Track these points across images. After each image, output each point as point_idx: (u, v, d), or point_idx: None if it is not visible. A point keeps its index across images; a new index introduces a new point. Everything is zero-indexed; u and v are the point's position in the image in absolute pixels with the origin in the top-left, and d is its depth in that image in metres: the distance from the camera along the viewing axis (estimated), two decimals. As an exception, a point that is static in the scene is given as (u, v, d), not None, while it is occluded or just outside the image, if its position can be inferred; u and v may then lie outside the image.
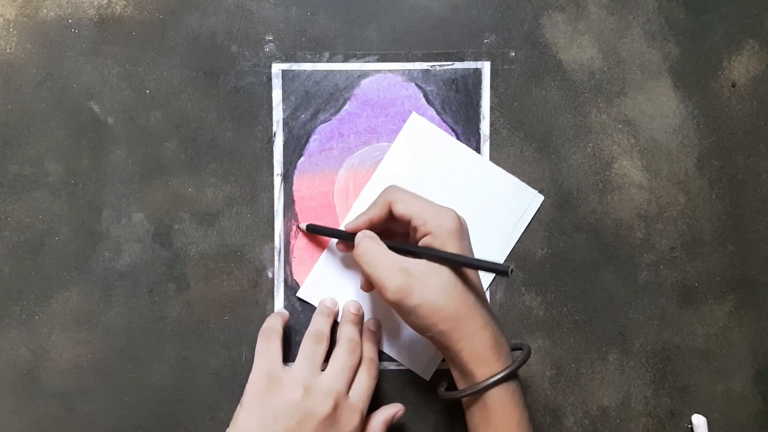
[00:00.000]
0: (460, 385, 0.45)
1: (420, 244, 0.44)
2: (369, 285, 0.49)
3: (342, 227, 0.51)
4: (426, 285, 0.42)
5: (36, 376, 0.51)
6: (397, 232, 0.48)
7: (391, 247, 0.45)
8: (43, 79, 0.51)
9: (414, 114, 0.52)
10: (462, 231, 0.44)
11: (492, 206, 0.52)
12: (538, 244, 0.53)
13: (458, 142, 0.52)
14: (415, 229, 0.44)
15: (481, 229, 0.52)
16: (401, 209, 0.45)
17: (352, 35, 0.52)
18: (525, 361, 0.44)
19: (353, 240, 0.47)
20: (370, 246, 0.45)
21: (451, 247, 0.43)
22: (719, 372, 0.53)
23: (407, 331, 0.52)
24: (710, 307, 0.53)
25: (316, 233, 0.51)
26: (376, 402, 0.52)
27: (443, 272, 0.43)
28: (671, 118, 0.53)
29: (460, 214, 0.45)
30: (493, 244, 0.52)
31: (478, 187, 0.52)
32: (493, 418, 0.42)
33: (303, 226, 0.51)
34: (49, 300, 0.51)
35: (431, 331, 0.43)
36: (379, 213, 0.46)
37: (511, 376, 0.43)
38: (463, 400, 0.45)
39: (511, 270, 0.40)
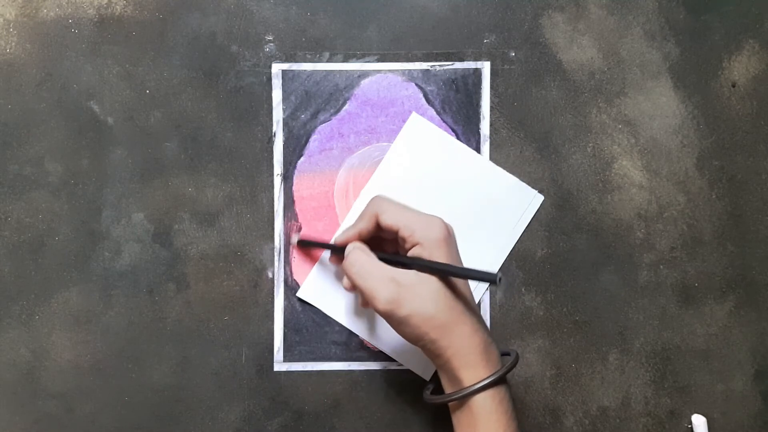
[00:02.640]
0: (449, 391, 0.44)
1: (409, 254, 0.44)
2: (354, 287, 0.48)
3: (332, 241, 0.51)
4: (416, 295, 0.42)
5: (36, 376, 0.51)
6: (387, 240, 0.48)
7: (380, 258, 0.45)
8: (43, 79, 0.51)
9: (414, 114, 0.52)
10: (449, 239, 0.44)
11: (492, 206, 0.52)
12: (538, 244, 0.53)
13: (458, 142, 0.52)
14: (403, 239, 0.44)
15: (481, 229, 0.52)
16: (388, 220, 0.45)
17: (352, 35, 0.52)
18: (512, 366, 0.44)
19: (344, 252, 0.47)
20: (359, 257, 0.45)
21: (439, 256, 0.43)
22: (719, 372, 0.53)
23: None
24: (710, 307, 0.53)
25: (308, 247, 0.51)
26: (376, 402, 0.52)
27: (432, 282, 0.43)
28: (671, 118, 0.53)
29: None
30: (493, 244, 0.52)
31: (478, 187, 0.52)
32: (479, 425, 0.42)
33: (294, 241, 0.51)
34: (49, 300, 0.51)
35: (422, 340, 0.43)
36: (367, 225, 0.46)
37: (498, 382, 0.42)
38: (450, 405, 0.44)
39: (499, 279, 0.40)
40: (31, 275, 0.51)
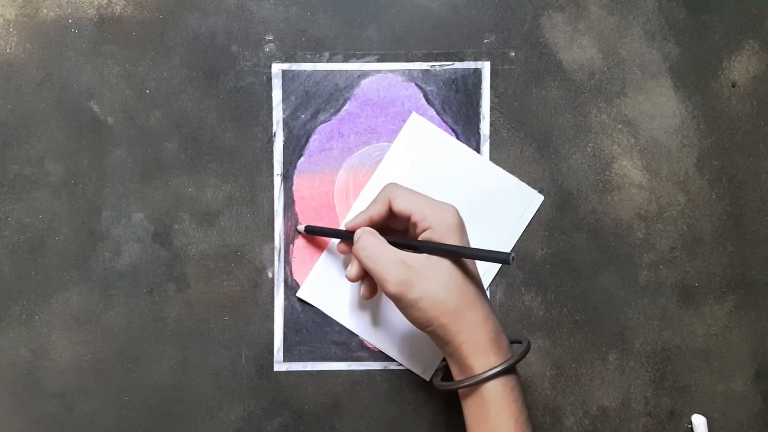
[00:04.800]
0: (458, 379, 0.44)
1: (420, 238, 0.44)
2: (370, 292, 0.49)
3: (341, 227, 0.51)
4: (427, 278, 0.42)
5: (36, 376, 0.51)
6: (396, 230, 0.48)
7: (390, 242, 0.45)
8: (43, 79, 0.51)
9: (414, 114, 0.52)
10: (461, 226, 0.44)
11: (492, 206, 0.52)
12: (538, 244, 0.53)
13: (458, 142, 0.52)
14: (415, 225, 0.44)
15: (481, 229, 0.52)
16: (401, 205, 0.45)
17: (352, 35, 0.52)
18: (525, 354, 0.44)
19: (353, 239, 0.47)
20: (369, 241, 0.45)
21: (451, 240, 0.43)
22: (719, 372, 0.53)
23: (407, 332, 0.52)
24: (710, 307, 0.53)
25: (314, 234, 0.51)
26: (376, 402, 0.52)
27: (444, 265, 0.43)
28: (671, 118, 0.53)
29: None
30: (493, 244, 0.52)
31: (478, 187, 0.52)
32: (491, 413, 0.42)
33: (301, 228, 0.51)
34: (49, 300, 0.51)
35: (432, 324, 0.42)
36: (378, 210, 0.46)
37: (510, 370, 0.42)
38: (460, 393, 0.44)
39: (512, 257, 0.40)
40: (31, 275, 0.51)
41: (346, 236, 0.48)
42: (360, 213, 0.47)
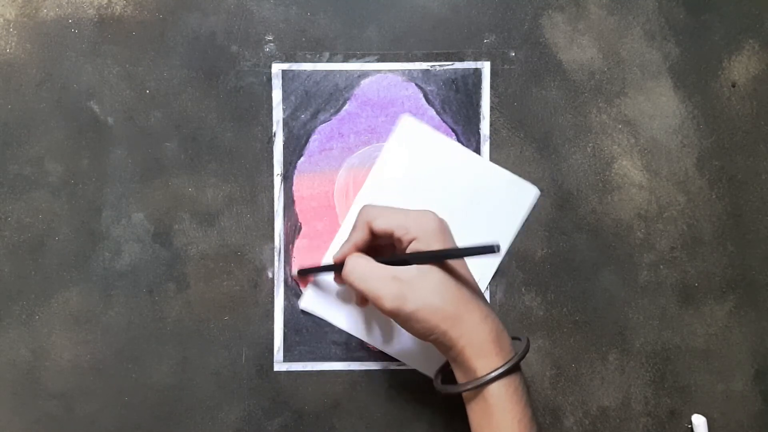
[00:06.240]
0: (462, 382, 0.44)
1: (408, 251, 0.44)
2: (364, 300, 0.49)
3: (330, 260, 0.50)
4: (419, 288, 0.42)
5: (36, 376, 0.51)
6: (384, 246, 0.48)
7: (379, 261, 0.45)
8: (43, 79, 0.51)
9: (404, 116, 0.52)
10: (444, 229, 0.44)
11: (487, 202, 0.52)
12: (538, 244, 0.53)
13: (449, 139, 0.52)
14: (400, 240, 0.44)
15: (478, 227, 0.52)
16: (381, 225, 0.45)
17: (352, 35, 0.52)
18: (524, 354, 0.44)
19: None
20: (357, 262, 0.45)
21: (436, 245, 0.43)
22: (719, 372, 0.53)
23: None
24: (710, 307, 0.53)
25: (308, 274, 0.51)
26: (376, 402, 0.52)
27: (434, 273, 0.43)
28: (671, 118, 0.53)
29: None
30: (491, 239, 0.52)
31: (473, 184, 0.52)
32: (495, 415, 0.42)
33: (294, 272, 0.52)
34: (49, 300, 0.51)
35: (434, 333, 0.42)
36: (361, 236, 0.46)
37: (512, 370, 0.42)
38: (464, 396, 0.44)
39: (498, 247, 0.40)
40: (31, 275, 0.51)
41: (339, 269, 0.47)
42: (344, 243, 0.47)
